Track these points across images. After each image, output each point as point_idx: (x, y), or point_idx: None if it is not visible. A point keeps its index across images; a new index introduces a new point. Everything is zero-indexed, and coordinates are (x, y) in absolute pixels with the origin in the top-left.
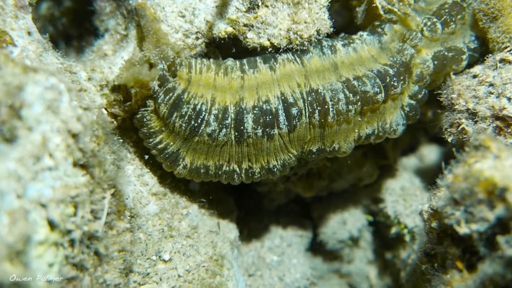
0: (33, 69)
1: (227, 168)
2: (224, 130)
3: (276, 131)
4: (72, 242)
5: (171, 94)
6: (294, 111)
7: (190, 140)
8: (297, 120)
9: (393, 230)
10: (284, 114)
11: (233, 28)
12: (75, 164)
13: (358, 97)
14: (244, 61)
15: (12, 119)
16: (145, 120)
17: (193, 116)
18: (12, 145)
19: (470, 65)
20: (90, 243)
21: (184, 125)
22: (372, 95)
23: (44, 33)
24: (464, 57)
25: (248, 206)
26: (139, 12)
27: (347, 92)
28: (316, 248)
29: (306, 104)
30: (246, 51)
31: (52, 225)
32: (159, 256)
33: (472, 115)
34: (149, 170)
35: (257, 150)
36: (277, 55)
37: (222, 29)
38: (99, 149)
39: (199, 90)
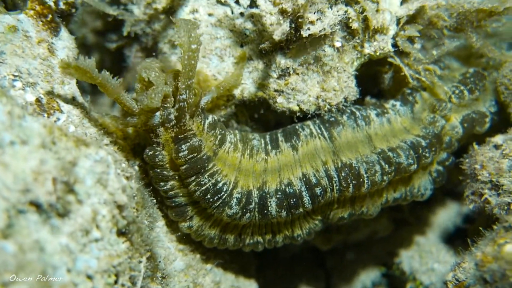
0: (85, 143)
1: (251, 240)
2: (248, 214)
3: (301, 209)
4: None
5: (195, 155)
6: (317, 191)
7: (201, 207)
8: (321, 198)
9: (409, 286)
10: (308, 195)
11: (264, 93)
12: (118, 234)
13: (393, 168)
14: (268, 139)
15: (66, 195)
16: (157, 160)
17: (210, 191)
18: (64, 219)
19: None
20: None
21: (199, 193)
22: (406, 166)
23: (85, 96)
24: (487, 119)
25: (264, 254)
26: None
27: (383, 164)
28: None
29: (335, 181)
30: (274, 112)
31: None
32: None
33: (496, 187)
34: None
35: (280, 225)
36: (300, 130)
37: (253, 92)
38: (138, 215)
39: (224, 168)
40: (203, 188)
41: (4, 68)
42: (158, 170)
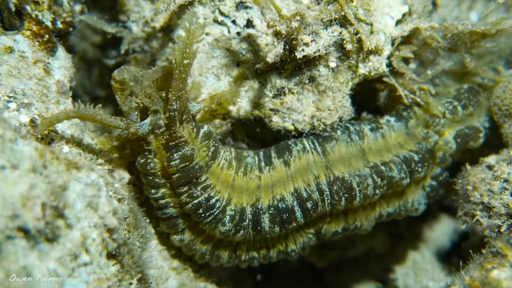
0: (76, 167)
1: (246, 256)
2: (242, 231)
3: (294, 224)
4: None
5: (187, 164)
6: (308, 205)
7: (193, 221)
8: (312, 212)
9: None
10: (299, 210)
11: (259, 111)
12: (108, 257)
13: (385, 181)
14: (261, 156)
15: (55, 220)
16: (149, 168)
17: (203, 205)
18: (53, 244)
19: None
20: None
21: (190, 206)
22: (398, 180)
23: None
24: (481, 135)
25: (259, 269)
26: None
27: (375, 177)
28: None
29: (327, 195)
30: (270, 130)
31: None
32: None
33: (487, 208)
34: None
35: (274, 240)
36: (293, 146)
37: (249, 111)
38: (129, 237)
39: (217, 184)
40: (195, 201)
41: None
42: (150, 178)
